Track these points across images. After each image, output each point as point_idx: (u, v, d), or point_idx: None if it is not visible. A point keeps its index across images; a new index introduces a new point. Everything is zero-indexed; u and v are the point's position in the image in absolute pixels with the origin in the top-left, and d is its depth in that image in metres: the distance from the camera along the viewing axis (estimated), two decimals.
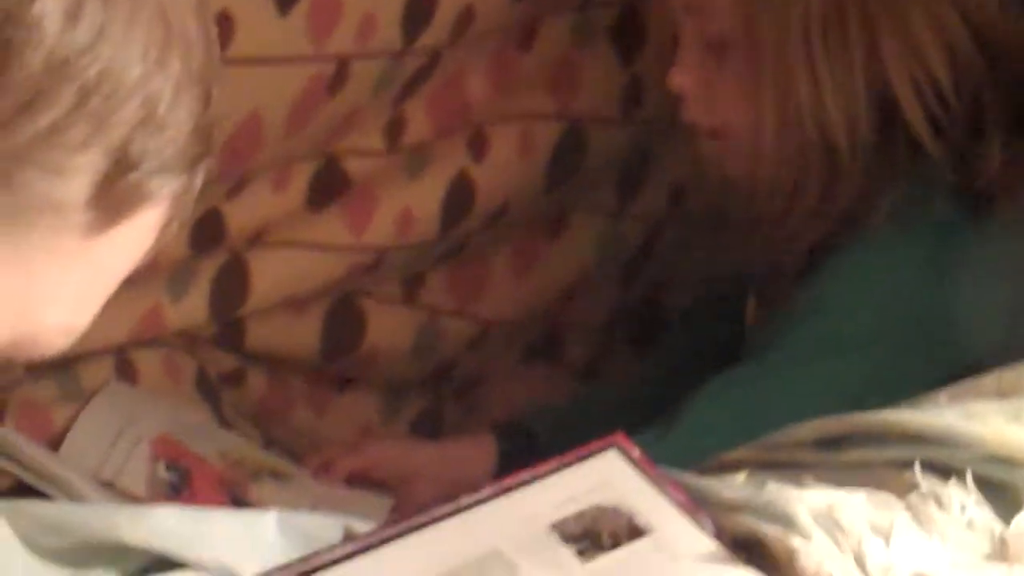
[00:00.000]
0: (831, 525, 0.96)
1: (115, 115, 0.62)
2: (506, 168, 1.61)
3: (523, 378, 1.73)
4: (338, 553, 1.01)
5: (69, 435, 1.45)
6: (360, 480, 1.50)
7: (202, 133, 0.67)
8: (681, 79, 1.42)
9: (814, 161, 1.36)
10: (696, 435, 1.27)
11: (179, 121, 0.64)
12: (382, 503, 1.46)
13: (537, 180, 1.63)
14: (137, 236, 0.67)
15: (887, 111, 1.35)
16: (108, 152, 0.62)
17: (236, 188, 1.51)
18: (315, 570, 0.99)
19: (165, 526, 1.04)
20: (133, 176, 0.63)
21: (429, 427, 1.68)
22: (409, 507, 1.39)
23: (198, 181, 0.68)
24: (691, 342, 1.61)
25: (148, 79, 0.62)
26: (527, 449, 1.47)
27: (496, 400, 1.71)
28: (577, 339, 1.76)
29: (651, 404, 1.42)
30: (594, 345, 1.77)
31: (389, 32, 1.46)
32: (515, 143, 1.62)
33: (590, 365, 1.76)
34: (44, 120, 0.60)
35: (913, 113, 1.34)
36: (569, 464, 1.06)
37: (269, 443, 1.56)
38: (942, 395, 1.08)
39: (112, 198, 0.63)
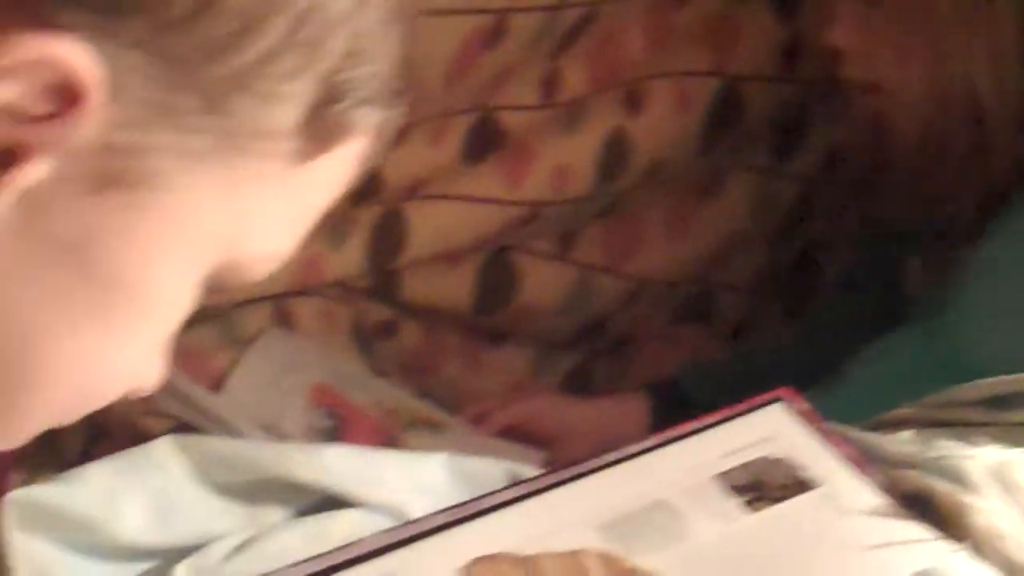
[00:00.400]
0: (1002, 483, 0.97)
1: (324, 46, 0.63)
2: (662, 125, 1.61)
3: (674, 338, 1.73)
4: (506, 496, 1.03)
5: (229, 380, 1.48)
6: (513, 434, 1.52)
7: (403, 68, 0.67)
8: (840, 34, 1.43)
9: (961, 116, 1.36)
10: (861, 395, 1.27)
11: (384, 55, 0.65)
12: (535, 458, 1.48)
13: (693, 137, 1.63)
14: (339, 168, 0.68)
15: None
16: (317, 82, 0.63)
17: (395, 141, 1.53)
18: (484, 512, 1.02)
19: (337, 465, 1.06)
20: (339, 107, 0.64)
21: (579, 384, 1.69)
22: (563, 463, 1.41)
23: (397, 117, 0.69)
24: (846, 306, 1.60)
25: (356, 12, 0.63)
26: (680, 408, 1.48)
27: (646, 359, 1.71)
28: (728, 300, 1.76)
29: (803, 367, 1.42)
30: (745, 306, 1.77)
31: None
32: (671, 100, 1.62)
33: (741, 326, 1.76)
34: (257, 48, 0.61)
35: None
36: (734, 416, 1.08)
37: (421, 395, 1.57)
38: None
39: (318, 128, 0.64)
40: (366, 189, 1.53)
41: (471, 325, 1.65)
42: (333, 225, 1.53)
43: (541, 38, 1.51)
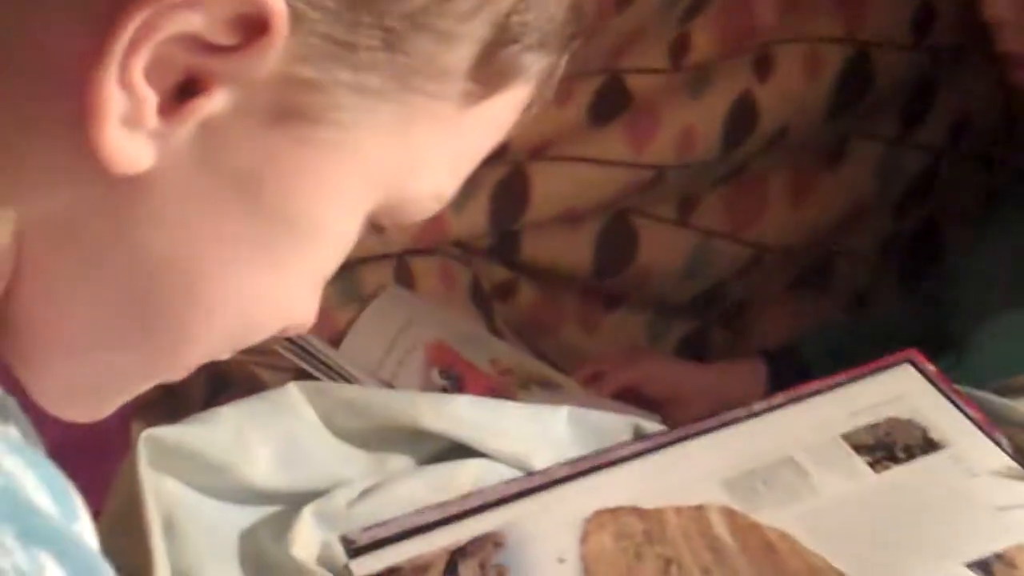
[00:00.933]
0: None
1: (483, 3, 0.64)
2: (790, 90, 1.61)
3: (792, 305, 1.73)
4: (630, 450, 1.06)
5: (349, 335, 1.50)
6: (627, 396, 1.52)
7: (575, 14, 0.67)
8: (994, 8, 1.40)
9: None
10: (989, 364, 1.26)
11: (554, 4, 0.65)
12: (651, 419, 1.49)
13: (820, 104, 1.62)
14: (504, 111, 0.67)
15: None
16: (491, 23, 0.63)
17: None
18: (607, 464, 1.05)
19: (464, 414, 1.07)
20: (512, 49, 0.64)
21: (695, 349, 1.69)
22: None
23: (563, 64, 0.69)
24: (971, 273, 1.57)
25: None
26: (798, 376, 1.48)
27: (764, 326, 1.72)
28: (848, 268, 1.75)
29: (925, 336, 1.42)
30: (865, 274, 1.76)
31: None
32: (800, 65, 1.61)
33: (860, 295, 1.76)
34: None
35: None
36: (862, 376, 1.08)
37: (536, 355, 1.59)
38: None
39: (490, 69, 0.64)
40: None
41: (589, 287, 1.65)
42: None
43: (671, 2, 1.52)
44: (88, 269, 0.61)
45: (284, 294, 0.66)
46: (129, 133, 0.58)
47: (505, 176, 1.56)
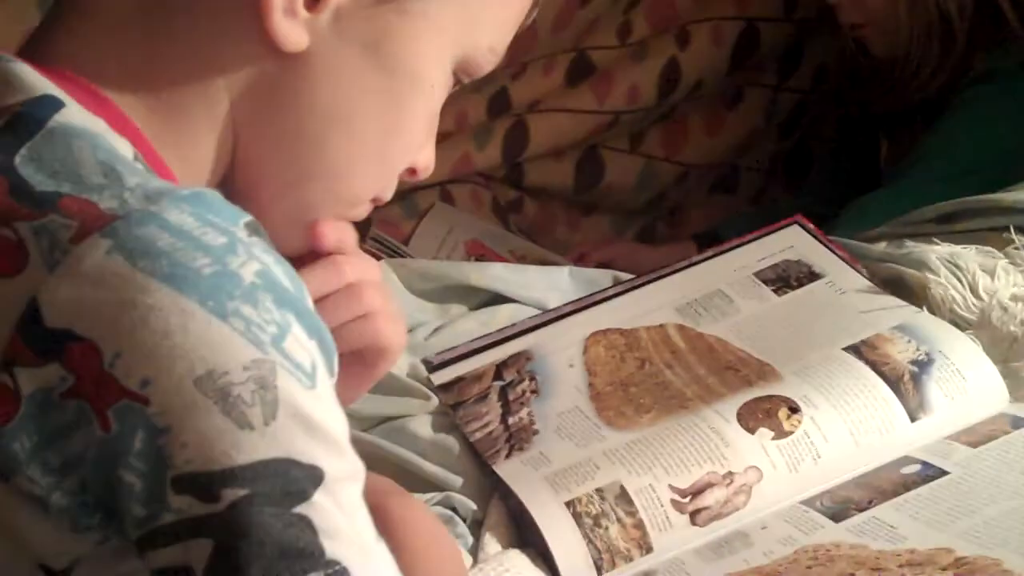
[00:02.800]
0: (953, 267, 0.96)
1: None
2: (702, 56, 1.58)
3: (712, 205, 1.71)
4: (613, 291, 1.06)
5: (413, 239, 1.51)
6: (603, 268, 1.52)
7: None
8: None
9: (935, 31, 1.33)
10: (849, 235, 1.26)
11: None
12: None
13: (723, 64, 1.60)
14: None
15: None
16: None
17: (518, 73, 1.52)
18: (597, 302, 1.04)
19: (500, 274, 1.09)
20: None
21: (647, 238, 1.68)
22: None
23: None
24: (834, 173, 1.58)
25: None
26: None
27: (693, 220, 1.70)
28: (750, 177, 1.73)
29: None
30: (761, 181, 1.74)
31: None
32: (709, 37, 1.58)
33: (758, 194, 1.74)
34: None
35: None
36: (766, 234, 1.08)
37: (540, 247, 1.57)
38: None
39: None
40: (499, 106, 1.52)
41: (572, 200, 1.64)
42: (477, 132, 1.53)
43: None
44: (278, 126, 0.62)
45: (409, 131, 0.65)
46: (290, 21, 0.59)
47: (512, 125, 1.55)
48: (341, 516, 0.51)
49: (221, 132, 0.61)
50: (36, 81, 0.57)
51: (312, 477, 0.51)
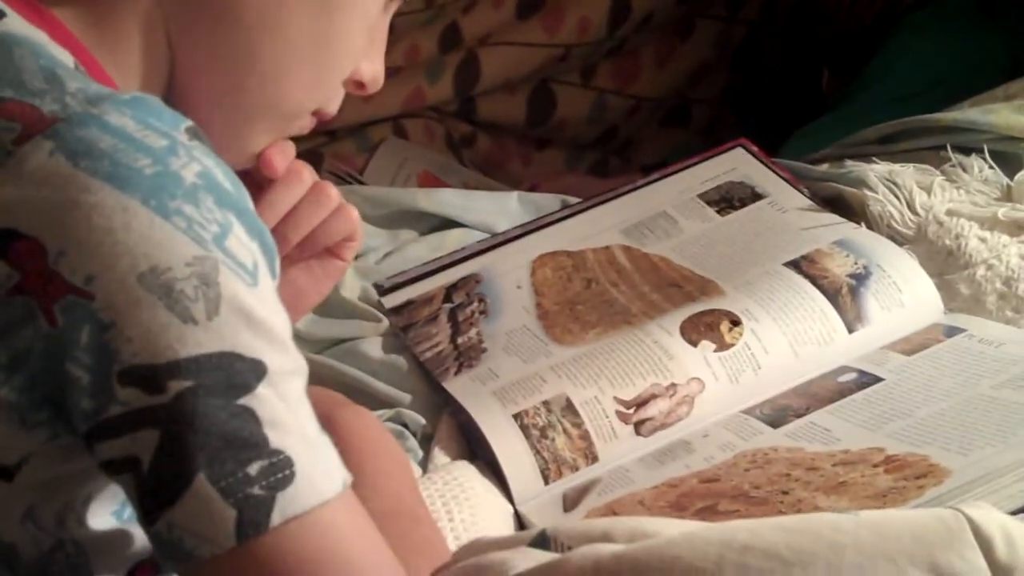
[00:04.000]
0: (891, 184, 0.99)
1: None
2: None
3: (663, 138, 1.71)
4: (560, 214, 1.07)
5: (366, 171, 1.50)
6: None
7: None
8: None
9: None
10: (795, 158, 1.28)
11: None
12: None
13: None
14: None
15: None
16: None
17: (469, 7, 1.51)
18: (545, 225, 1.06)
19: (448, 199, 1.10)
20: None
21: (599, 172, 1.68)
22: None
23: None
24: (780, 103, 1.60)
25: None
26: None
27: (644, 152, 1.70)
28: (701, 110, 1.74)
29: None
30: (713, 113, 1.74)
31: None
32: None
33: (710, 127, 1.74)
34: None
35: None
36: (710, 157, 1.09)
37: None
38: (965, 103, 1.09)
39: None
40: (450, 40, 1.51)
41: (524, 134, 1.64)
42: (429, 67, 1.52)
43: None
44: (210, 34, 0.63)
45: (344, 39, 0.65)
46: None
47: (462, 59, 1.54)
48: (284, 408, 0.53)
49: (155, 40, 0.62)
50: None
51: (255, 370, 0.52)
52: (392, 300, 1.00)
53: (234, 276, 0.53)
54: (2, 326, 0.52)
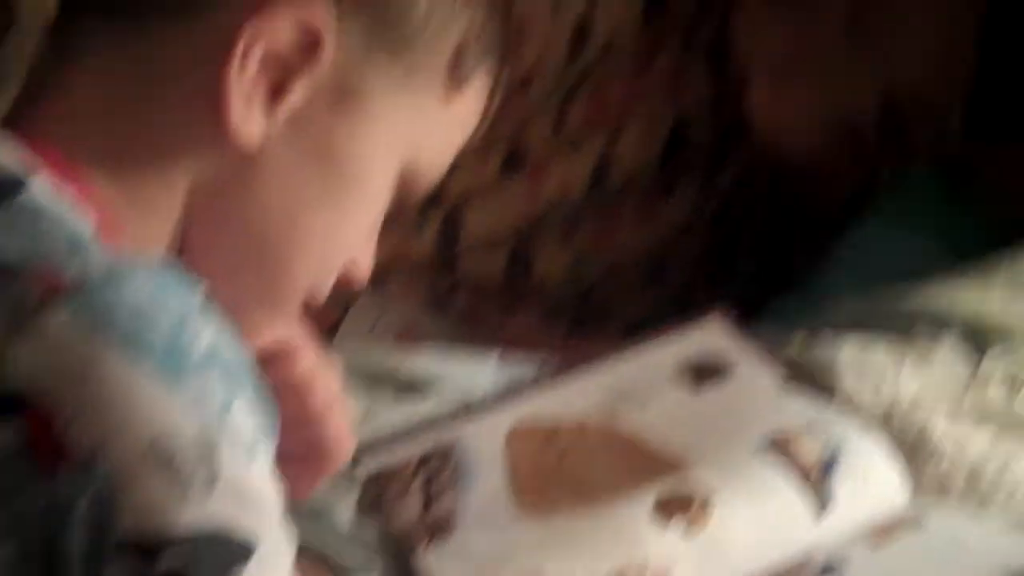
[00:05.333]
0: (860, 365, 1.01)
1: (451, 26, 0.68)
2: (634, 150, 1.61)
3: (641, 298, 1.71)
4: (534, 385, 1.08)
5: (341, 328, 1.51)
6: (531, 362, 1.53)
7: (504, 37, 0.72)
8: (752, 100, 1.45)
9: (846, 145, 1.39)
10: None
11: (492, 30, 0.70)
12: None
13: (654, 159, 1.63)
14: (470, 106, 0.71)
15: (894, 101, 1.37)
16: (455, 42, 0.68)
17: (453, 164, 1.53)
18: (520, 394, 1.07)
19: (425, 363, 1.12)
20: (468, 60, 0.69)
21: (577, 331, 1.67)
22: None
23: (499, 88, 0.73)
24: (756, 272, 1.63)
25: (463, 8, 0.69)
26: None
27: (622, 313, 1.69)
28: (679, 271, 1.73)
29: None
30: (690, 275, 1.74)
31: (558, 55, 1.49)
32: (640, 133, 1.62)
33: (687, 289, 1.73)
34: (416, 20, 0.66)
35: (908, 102, 1.37)
36: (685, 328, 1.11)
37: (471, 339, 1.54)
38: (933, 288, 1.10)
39: (457, 73, 0.69)
40: (433, 197, 1.45)
41: (504, 291, 1.64)
42: (411, 222, 1.54)
43: (554, 91, 1.53)
44: (226, 216, 0.66)
45: (348, 235, 0.69)
46: (247, 120, 0.63)
47: (445, 215, 1.57)
48: None
49: (175, 216, 0.66)
50: (11, 153, 0.61)
51: (246, 549, 0.54)
52: (364, 467, 1.00)
53: (233, 451, 0.54)
54: (4, 489, 0.53)
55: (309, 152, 0.65)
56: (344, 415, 0.74)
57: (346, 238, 0.69)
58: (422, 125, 0.68)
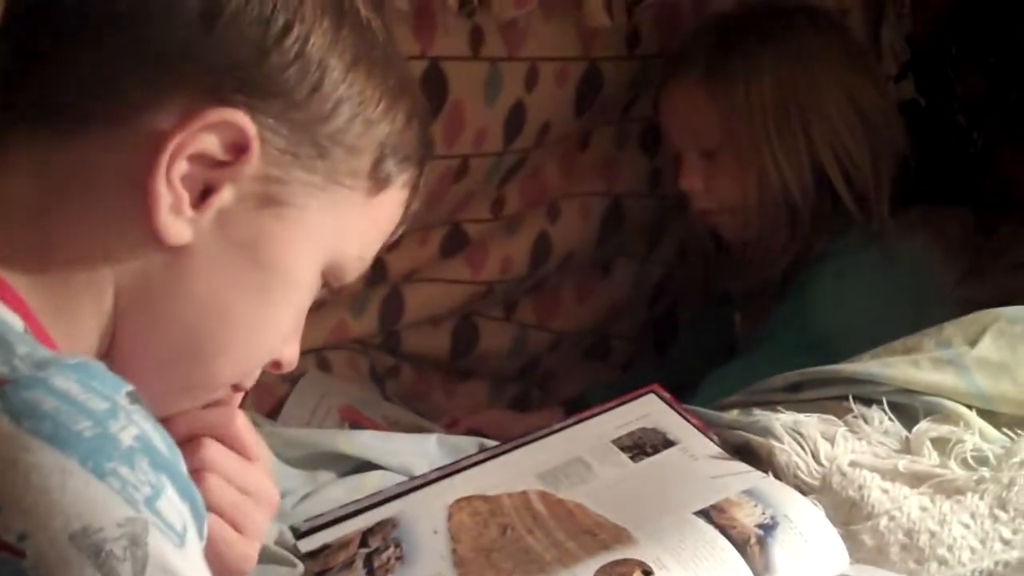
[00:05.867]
0: (796, 435, 1.02)
1: (376, 125, 0.69)
2: (571, 229, 1.64)
3: (583, 371, 1.76)
4: (477, 458, 1.09)
5: (286, 404, 1.52)
6: (474, 436, 1.54)
7: (427, 144, 0.74)
8: (687, 183, 1.46)
9: (781, 217, 1.41)
10: (706, 400, 1.31)
11: (412, 136, 0.71)
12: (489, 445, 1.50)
13: (592, 237, 1.66)
14: (392, 204, 0.72)
15: (822, 178, 1.40)
16: (378, 143, 0.69)
17: (394, 244, 1.51)
18: (462, 469, 1.07)
19: (367, 441, 1.11)
20: (390, 160, 0.70)
21: (520, 404, 1.71)
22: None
23: (421, 181, 0.74)
24: (695, 343, 1.64)
25: (387, 113, 0.70)
26: None
27: (565, 386, 1.74)
28: (619, 345, 1.78)
29: (671, 386, 1.46)
30: (631, 348, 1.79)
31: (494, 139, 1.51)
32: (577, 212, 1.65)
33: (628, 362, 1.79)
34: (341, 119, 0.68)
35: (836, 178, 1.39)
36: (624, 403, 1.13)
37: (415, 413, 1.59)
38: (865, 355, 1.13)
39: (380, 172, 0.70)
40: (376, 276, 1.54)
41: (448, 367, 1.67)
42: (354, 300, 1.55)
43: (491, 173, 1.55)
44: (156, 312, 0.66)
45: (277, 326, 0.70)
46: (175, 219, 0.64)
47: (387, 294, 1.58)
48: None
49: (104, 314, 0.66)
50: None
51: None
52: (308, 544, 1.00)
53: (163, 537, 0.55)
54: None
55: (237, 250, 0.66)
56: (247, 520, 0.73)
57: (273, 329, 0.70)
58: (348, 221, 0.69)
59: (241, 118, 0.64)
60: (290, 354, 0.73)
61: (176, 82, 0.64)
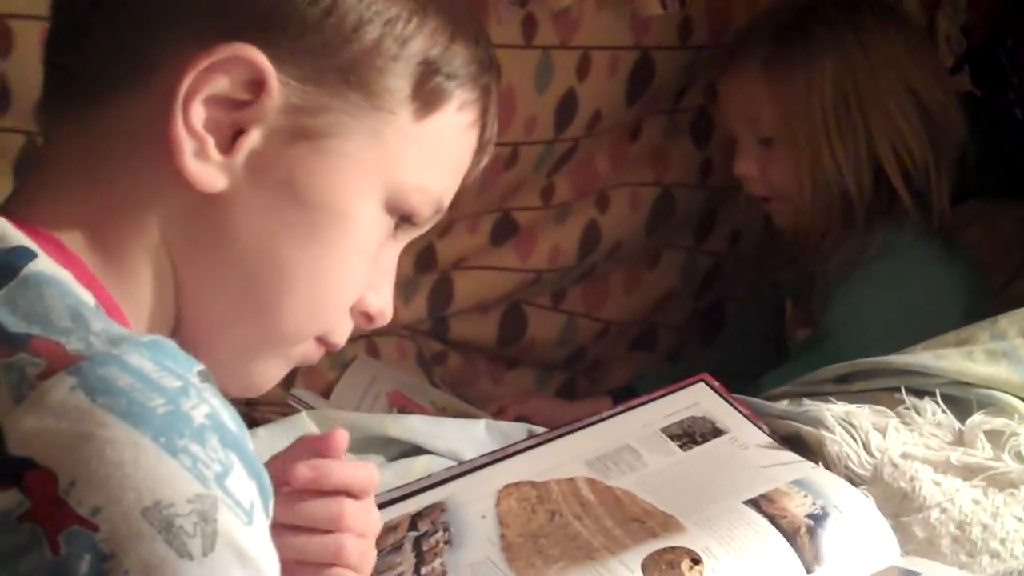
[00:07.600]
0: (847, 425, 1.01)
1: (410, 41, 0.66)
2: (620, 219, 1.63)
3: (630, 360, 1.75)
4: (526, 444, 1.09)
5: (336, 388, 1.52)
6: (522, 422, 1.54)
7: (482, 65, 0.69)
8: (742, 167, 1.44)
9: (836, 208, 1.38)
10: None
11: (460, 53, 0.67)
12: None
13: (641, 226, 1.65)
14: (453, 130, 0.68)
15: (879, 172, 1.37)
16: (417, 61, 0.66)
17: (445, 231, 1.55)
18: (511, 455, 1.07)
19: (416, 426, 1.11)
20: (437, 79, 0.67)
21: (567, 392, 1.71)
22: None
23: (491, 106, 0.70)
24: (745, 332, 1.63)
25: (420, 25, 0.67)
26: None
27: (612, 375, 1.73)
28: (666, 334, 1.77)
29: (719, 375, 1.45)
30: (678, 338, 1.78)
31: (545, 128, 1.51)
32: (627, 202, 1.64)
33: (675, 351, 1.78)
34: (365, 40, 0.65)
35: (893, 172, 1.36)
36: (673, 391, 1.12)
37: (462, 400, 1.58)
38: (918, 347, 1.12)
39: (424, 92, 0.66)
40: (425, 262, 1.54)
41: (495, 354, 1.66)
42: (404, 287, 1.54)
43: (541, 161, 1.54)
44: (209, 263, 0.65)
45: (341, 268, 0.66)
46: (202, 164, 0.63)
47: (436, 281, 1.57)
48: None
49: (162, 274, 0.65)
50: (12, 234, 0.61)
51: None
52: None
53: (231, 514, 0.54)
54: (7, 552, 0.53)
55: (278, 191, 0.64)
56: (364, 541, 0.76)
57: (338, 272, 0.67)
58: (396, 149, 0.66)
59: (251, 51, 0.62)
60: (377, 303, 0.70)
61: (181, 27, 0.63)
